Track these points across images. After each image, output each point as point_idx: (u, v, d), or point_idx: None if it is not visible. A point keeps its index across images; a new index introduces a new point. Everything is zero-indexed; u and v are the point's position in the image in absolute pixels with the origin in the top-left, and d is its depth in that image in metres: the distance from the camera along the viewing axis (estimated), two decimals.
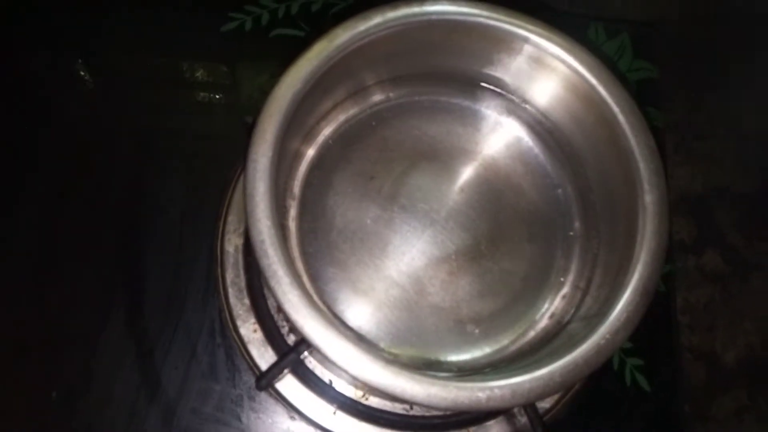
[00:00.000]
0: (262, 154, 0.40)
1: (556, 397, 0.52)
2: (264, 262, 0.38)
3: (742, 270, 0.66)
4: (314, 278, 0.47)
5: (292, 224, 0.48)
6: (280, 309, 0.53)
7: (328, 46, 0.42)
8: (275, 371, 0.47)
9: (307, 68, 0.42)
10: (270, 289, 0.37)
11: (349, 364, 0.36)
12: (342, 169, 0.50)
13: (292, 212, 0.49)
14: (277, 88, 0.41)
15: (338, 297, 0.47)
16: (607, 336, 0.39)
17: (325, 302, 0.46)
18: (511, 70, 0.49)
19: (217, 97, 0.60)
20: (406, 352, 0.46)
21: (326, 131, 0.51)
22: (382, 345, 0.46)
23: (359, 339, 0.39)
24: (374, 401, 0.52)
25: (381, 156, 0.51)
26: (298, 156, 0.49)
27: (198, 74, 0.61)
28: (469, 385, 0.37)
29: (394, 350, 0.45)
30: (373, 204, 0.49)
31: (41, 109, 0.60)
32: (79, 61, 0.61)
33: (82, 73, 0.61)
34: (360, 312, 0.47)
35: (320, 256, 0.48)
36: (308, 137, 0.49)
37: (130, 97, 0.60)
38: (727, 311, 0.65)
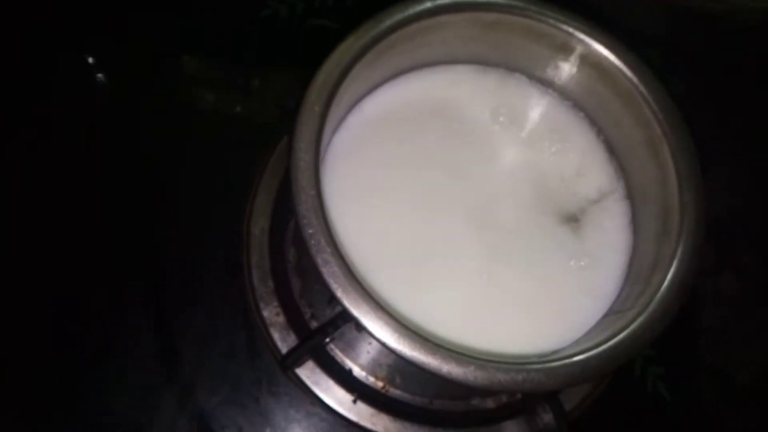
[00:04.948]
0: (309, 124, 0.39)
1: (578, 399, 0.52)
2: (307, 232, 0.37)
3: (757, 293, 0.67)
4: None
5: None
6: (303, 295, 0.53)
7: (377, 26, 0.43)
8: (301, 351, 0.46)
9: (356, 45, 0.42)
10: (312, 258, 0.37)
11: (388, 337, 0.36)
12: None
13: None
14: (327, 61, 0.41)
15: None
16: (645, 327, 0.39)
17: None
18: (553, 66, 0.49)
19: (250, 81, 0.61)
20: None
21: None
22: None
23: (397, 314, 0.38)
24: (395, 393, 0.51)
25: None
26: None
27: (231, 58, 0.61)
28: (506, 366, 0.37)
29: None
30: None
31: (66, 99, 0.60)
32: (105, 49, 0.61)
33: (94, 65, 0.61)
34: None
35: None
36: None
37: (163, 73, 0.60)
38: (741, 333, 0.65)
